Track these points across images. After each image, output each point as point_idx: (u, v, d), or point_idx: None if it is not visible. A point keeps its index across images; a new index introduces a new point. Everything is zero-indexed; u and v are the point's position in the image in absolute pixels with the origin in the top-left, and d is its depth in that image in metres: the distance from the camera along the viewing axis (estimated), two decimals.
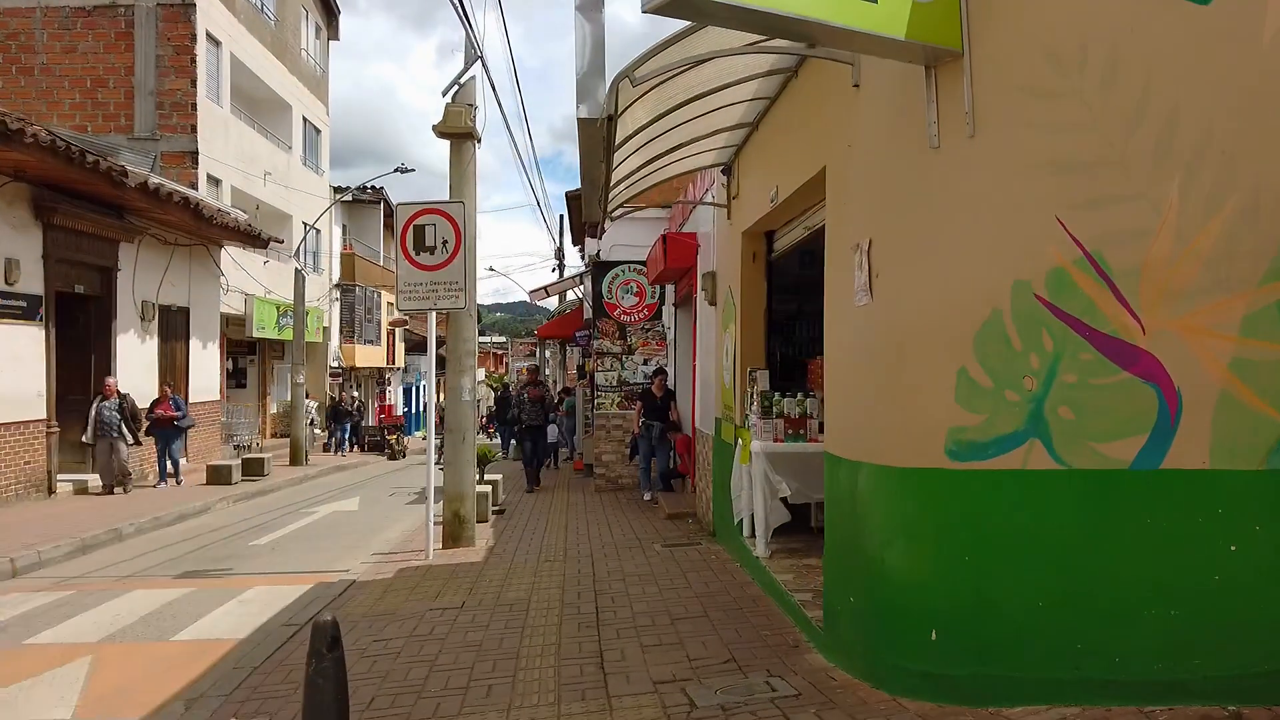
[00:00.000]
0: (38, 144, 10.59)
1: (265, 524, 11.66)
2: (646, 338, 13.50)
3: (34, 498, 12.37)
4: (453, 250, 7.94)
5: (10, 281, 11.90)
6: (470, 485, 8.49)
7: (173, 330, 16.81)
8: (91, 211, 13.34)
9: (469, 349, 8.45)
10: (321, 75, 28.60)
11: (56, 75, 19.41)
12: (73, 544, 9.43)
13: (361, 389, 32.75)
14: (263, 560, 9.02)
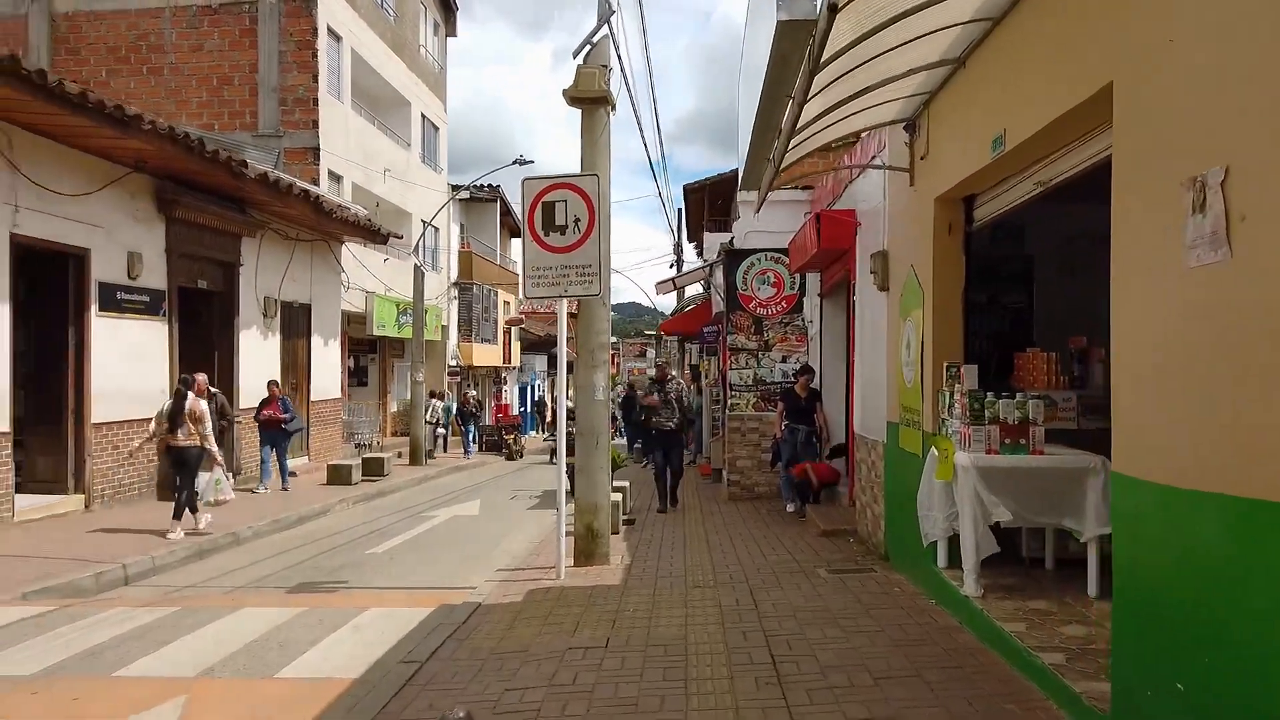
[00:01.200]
0: (155, 131, 10.22)
1: (384, 529, 11.05)
2: (785, 332, 12.33)
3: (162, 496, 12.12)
4: (585, 230, 7.00)
5: (133, 275, 11.65)
6: (605, 495, 7.55)
7: (294, 327, 16.57)
8: (213, 205, 13.06)
9: (602, 342, 7.50)
10: (439, 72, 28.43)
11: (185, 74, 19.56)
12: (189, 549, 8.95)
13: (478, 388, 32.58)
14: (380, 572, 8.32)
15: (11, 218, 9.53)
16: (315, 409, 17.39)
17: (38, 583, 7.09)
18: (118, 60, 19.61)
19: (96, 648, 5.28)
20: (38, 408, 10.89)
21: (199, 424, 9.60)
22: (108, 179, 10.97)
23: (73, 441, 10.81)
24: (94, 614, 6.11)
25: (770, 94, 3.93)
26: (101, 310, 11.06)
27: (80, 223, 10.60)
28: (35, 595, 6.79)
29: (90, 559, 8.00)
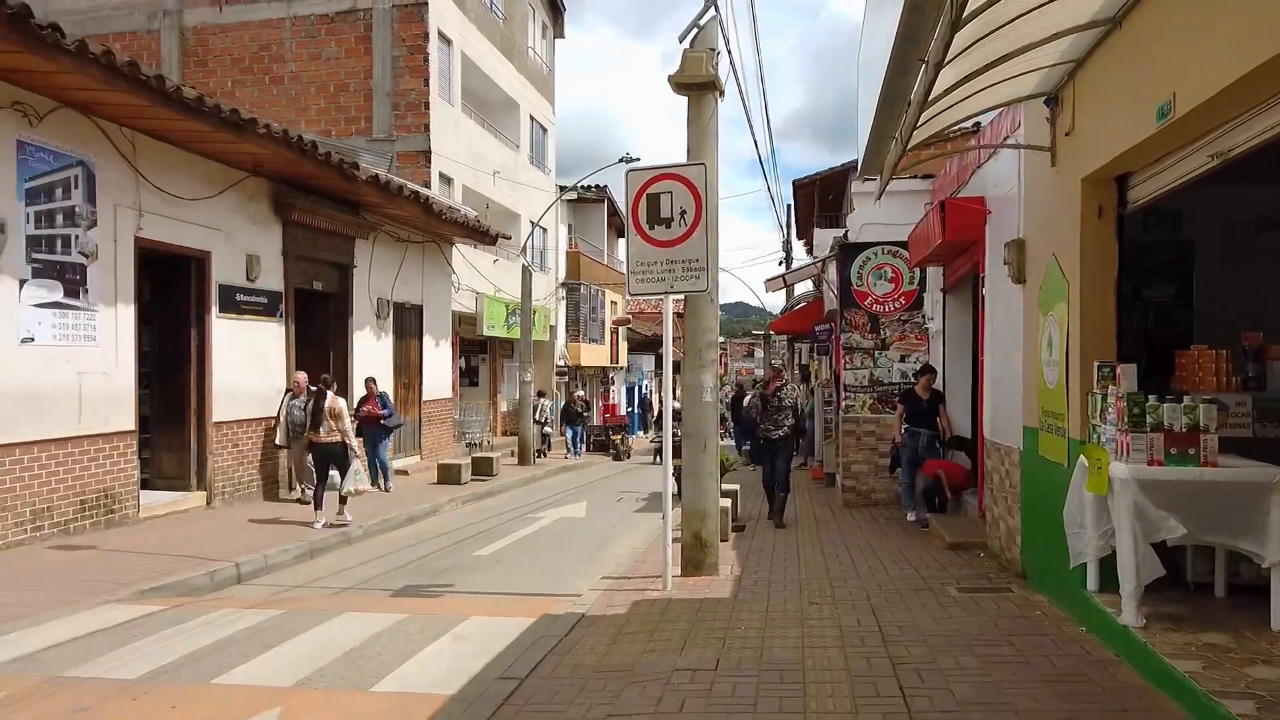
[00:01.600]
0: (270, 135, 10.37)
1: (490, 530, 10.95)
2: (903, 330, 11.67)
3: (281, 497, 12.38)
4: (692, 222, 6.63)
5: (251, 277, 11.92)
6: (713, 501, 7.17)
7: (407, 328, 16.79)
8: (327, 207, 13.28)
9: (710, 340, 7.12)
10: (547, 74, 28.56)
11: (304, 82, 20.12)
12: (300, 548, 9.01)
13: (586, 388, 32.62)
14: (484, 575, 8.16)
15: (136, 222, 9.81)
16: (427, 408, 17.60)
17: (155, 580, 7.19)
18: (242, 71, 20.32)
19: (200, 651, 5.22)
20: (164, 407, 11.23)
21: (339, 420, 10.16)
22: (227, 183, 11.24)
23: (195, 440, 11.10)
24: (201, 615, 6.10)
25: (900, 58, 3.48)
26: (221, 312, 11.33)
27: (201, 226, 10.87)
28: (151, 593, 6.87)
29: (206, 557, 8.11)
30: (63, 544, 8.48)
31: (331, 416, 10.09)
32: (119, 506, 9.55)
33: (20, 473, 8.29)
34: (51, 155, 8.69)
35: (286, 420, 11.55)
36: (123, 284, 9.65)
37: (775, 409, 10.33)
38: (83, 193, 9.10)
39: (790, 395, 10.67)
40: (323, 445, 10.19)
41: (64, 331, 8.87)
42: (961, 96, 5.10)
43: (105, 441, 9.37)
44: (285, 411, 11.59)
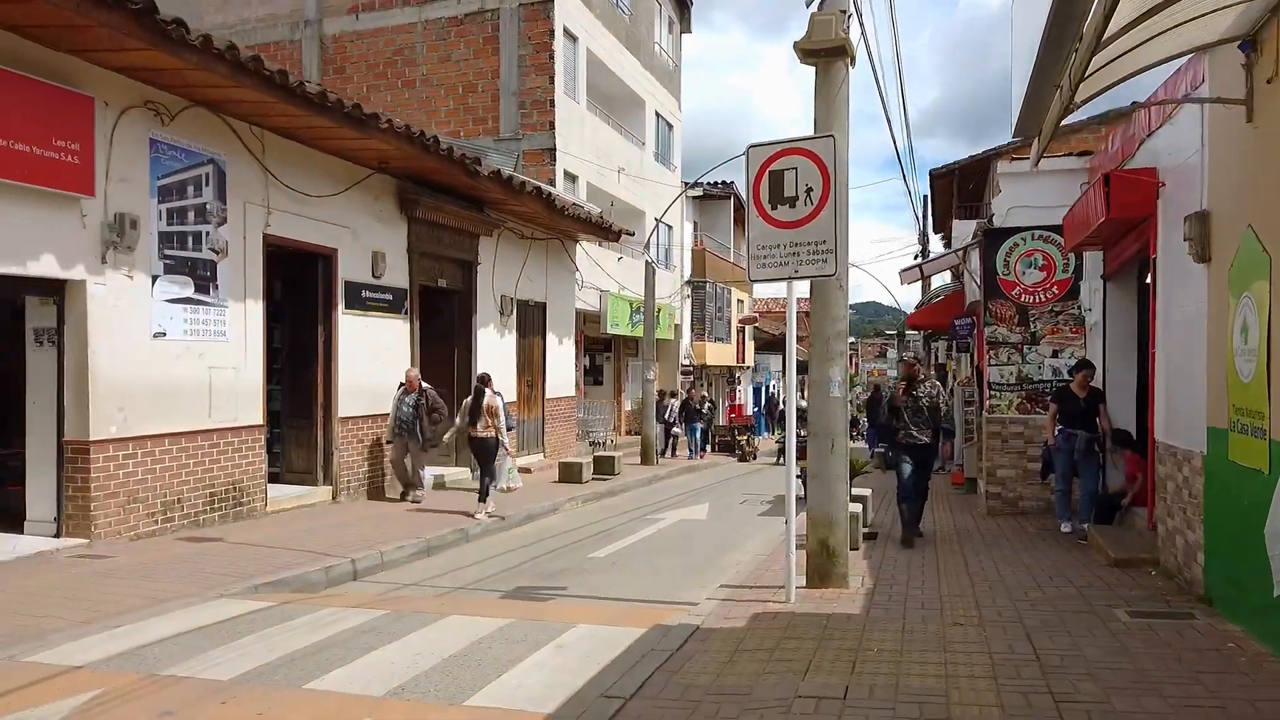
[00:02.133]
0: (392, 130, 10.36)
1: (609, 531, 10.62)
2: (1056, 323, 10.66)
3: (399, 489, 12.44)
4: (819, 200, 6.06)
5: (377, 274, 12.00)
6: (841, 507, 6.56)
7: (530, 325, 16.73)
8: (451, 204, 13.28)
9: (839, 330, 6.51)
10: (674, 69, 28.22)
11: (434, 85, 20.45)
12: (418, 545, 8.89)
13: (712, 388, 32.10)
14: (599, 578, 7.80)
15: (264, 219, 9.96)
16: (550, 407, 17.50)
17: (272, 574, 7.15)
18: (376, 76, 20.83)
19: (299, 652, 5.03)
20: (293, 402, 11.42)
21: (495, 417, 10.83)
22: (352, 180, 11.33)
23: (321, 435, 11.23)
24: (309, 613, 5.96)
25: None
26: (347, 308, 11.44)
27: (328, 223, 10.98)
28: (265, 588, 6.82)
29: (324, 552, 8.07)
30: (191, 535, 8.63)
31: (488, 413, 10.75)
32: (247, 500, 9.70)
33: (151, 465, 8.47)
34: (183, 153, 8.87)
35: (395, 416, 11.47)
36: (252, 280, 9.81)
37: (913, 410, 8.97)
38: (213, 190, 9.27)
39: (931, 393, 9.05)
40: (479, 439, 10.81)
41: (195, 327, 9.04)
42: (1137, 41, 4.36)
43: (234, 435, 9.53)
44: (395, 408, 11.50)
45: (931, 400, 9.01)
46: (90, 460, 7.84)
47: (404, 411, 11.36)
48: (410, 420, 11.27)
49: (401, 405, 11.41)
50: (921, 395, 9.05)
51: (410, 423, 11.28)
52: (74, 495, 7.87)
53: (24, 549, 7.48)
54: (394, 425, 11.47)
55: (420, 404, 11.23)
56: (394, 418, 11.44)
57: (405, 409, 11.35)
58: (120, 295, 8.17)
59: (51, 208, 7.47)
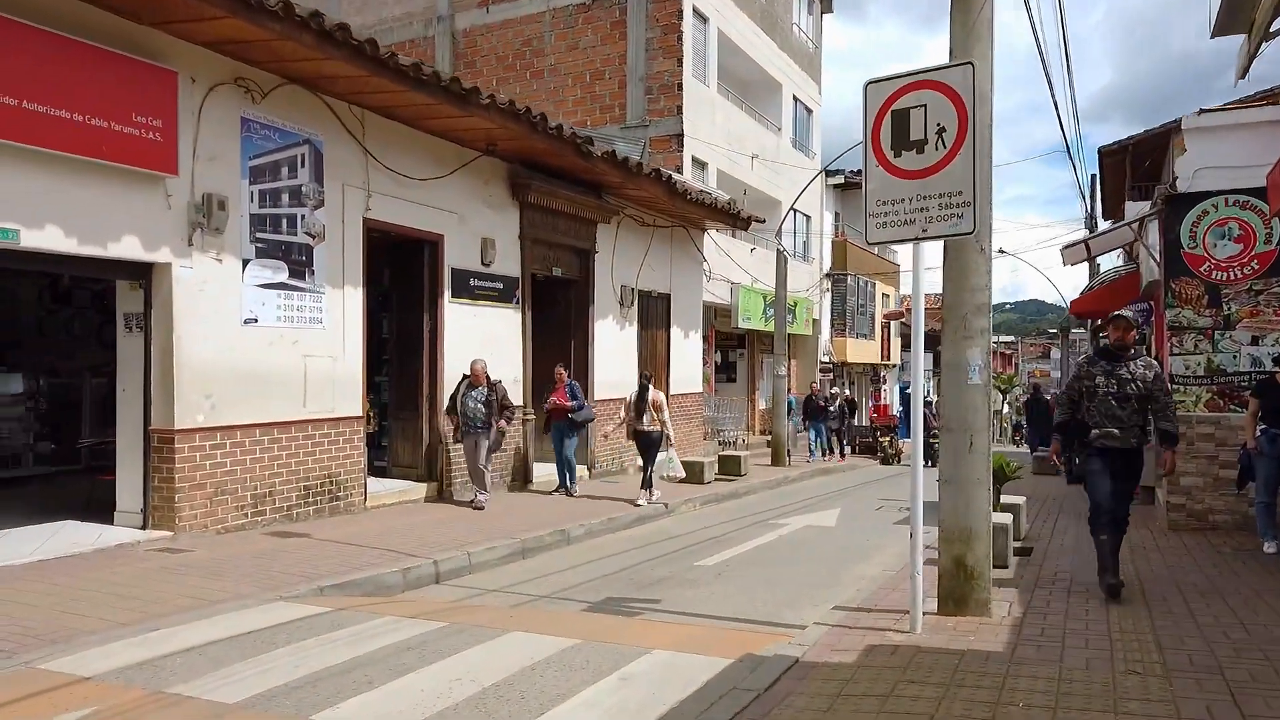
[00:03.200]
0: (495, 106, 9.78)
1: (724, 536, 9.70)
2: (1255, 304, 8.98)
3: (511, 486, 11.94)
4: (954, 142, 4.96)
5: (486, 262, 11.51)
6: (982, 517, 5.40)
7: (652, 317, 15.97)
8: (566, 189, 12.67)
9: (979, 303, 5.35)
10: (814, 51, 26.91)
11: (561, 74, 20.06)
12: (511, 546, 8.26)
13: (854, 386, 30.51)
14: (699, 591, 6.91)
15: (364, 202, 9.58)
16: (673, 403, 16.63)
17: (345, 575, 6.64)
18: (505, 68, 20.63)
19: (326, 672, 4.40)
20: (400, 393, 11.08)
21: (659, 412, 11.43)
22: (459, 163, 10.85)
23: (426, 428, 10.82)
24: (361, 622, 5.36)
25: None
26: (454, 297, 10.98)
27: (433, 208, 10.55)
28: (332, 590, 6.30)
29: (409, 552, 7.54)
30: (280, 530, 8.29)
31: (653, 408, 11.33)
32: (344, 494, 9.34)
33: (241, 455, 8.17)
34: (276, 132, 8.56)
35: (461, 413, 10.17)
36: (351, 266, 9.44)
37: (1117, 396, 6.13)
38: (309, 171, 8.94)
39: (1145, 376, 6.19)
40: (644, 432, 11.37)
41: (289, 313, 8.72)
42: None
43: (330, 426, 9.18)
44: (460, 403, 10.18)
45: (1145, 386, 6.15)
46: (175, 450, 7.58)
47: (472, 408, 10.10)
48: (483, 418, 10.10)
49: (467, 400, 10.13)
50: (1130, 375, 6.18)
51: (484, 420, 10.11)
52: (159, 486, 7.63)
53: (107, 540, 7.28)
54: (461, 423, 10.26)
55: (492, 400, 10.13)
56: (460, 415, 10.20)
57: (474, 404, 10.10)
58: (208, 279, 7.90)
59: (133, 187, 7.23)
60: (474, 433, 10.14)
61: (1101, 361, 6.37)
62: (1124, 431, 6.15)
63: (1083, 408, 6.34)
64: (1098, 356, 6.52)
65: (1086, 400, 6.32)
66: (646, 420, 11.37)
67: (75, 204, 6.83)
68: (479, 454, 10.15)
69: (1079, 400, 6.39)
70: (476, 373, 10.15)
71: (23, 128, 6.35)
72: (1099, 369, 6.30)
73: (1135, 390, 6.15)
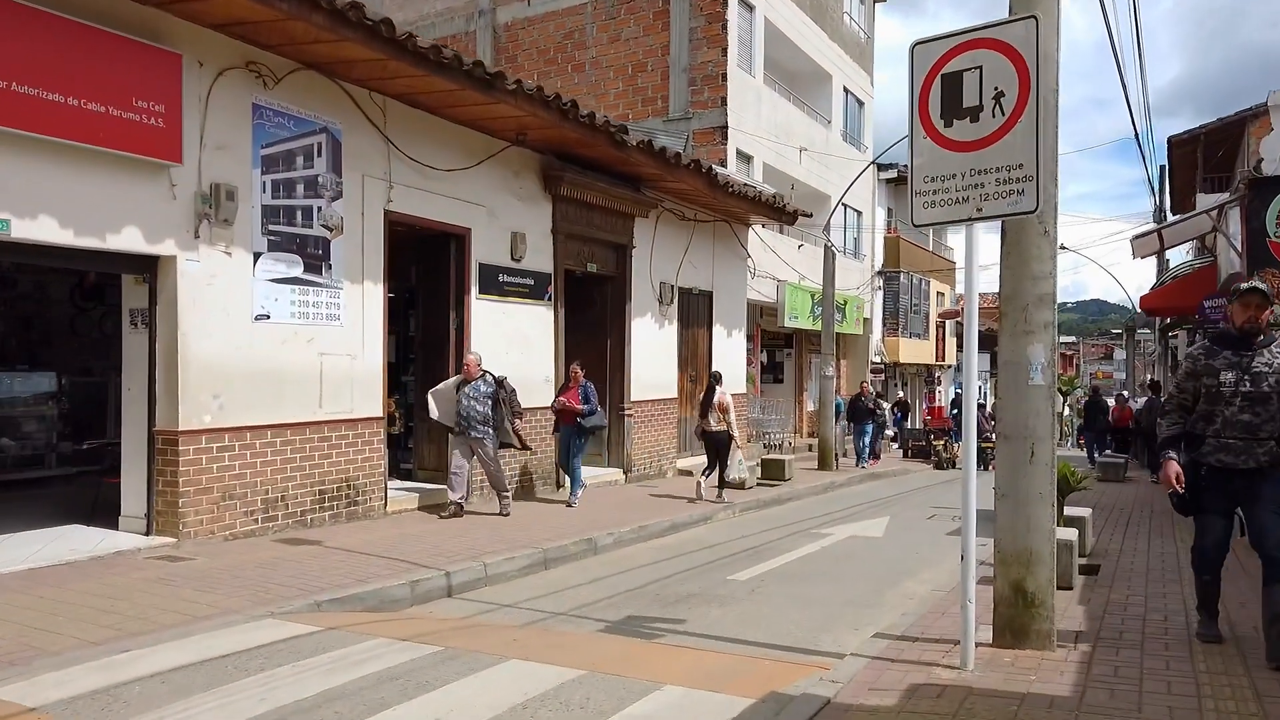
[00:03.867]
0: (521, 92, 9.31)
1: (762, 546, 9.10)
2: None
3: (544, 491, 11.47)
4: (1014, 109, 4.32)
5: (516, 257, 11.06)
6: (1044, 536, 4.74)
7: (694, 316, 15.40)
8: (602, 182, 12.16)
9: (1042, 293, 4.69)
10: (865, 41, 26.06)
11: (603, 67, 19.59)
12: (532, 556, 7.76)
13: (907, 388, 29.56)
14: (728, 610, 6.34)
15: (386, 194, 9.18)
16: None
17: (346, 588, 6.20)
18: (547, 62, 20.22)
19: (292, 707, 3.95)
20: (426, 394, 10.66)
21: (726, 413, 11.61)
22: (487, 153, 10.41)
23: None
24: (345, 645, 4.90)
25: None
26: (482, 293, 10.54)
27: (460, 200, 10.12)
28: (330, 605, 5.87)
29: (422, 562, 7.09)
30: (291, 536, 7.91)
31: (720, 409, 11.51)
32: (362, 499, 8.94)
33: (251, 458, 7.80)
34: (291, 120, 8.19)
35: (457, 411, 9.33)
36: (371, 260, 9.05)
37: (1251, 397, 4.72)
38: (326, 161, 8.56)
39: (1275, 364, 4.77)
40: (711, 433, 11.60)
41: (304, 309, 8.34)
42: None
43: (348, 428, 8.78)
44: (446, 400, 9.45)
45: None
46: (180, 452, 7.23)
47: (466, 405, 9.24)
48: (480, 416, 9.25)
49: (461, 398, 9.29)
50: (1269, 367, 4.74)
51: (481, 419, 9.26)
52: (163, 490, 7.29)
53: (107, 547, 6.95)
54: (455, 422, 9.38)
55: (499, 396, 9.35)
56: (457, 414, 9.33)
57: (467, 402, 9.24)
58: (216, 273, 7.54)
59: (134, 176, 6.89)
60: (471, 433, 9.27)
61: (1224, 352, 4.87)
62: (1253, 445, 4.69)
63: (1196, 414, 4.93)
64: (1216, 344, 5.01)
65: (1204, 403, 4.88)
66: (713, 420, 11.56)
67: (71, 193, 6.49)
68: (481, 459, 9.43)
69: (1193, 405, 4.96)
70: (470, 366, 9.33)
71: (12, 112, 6.02)
72: (1221, 361, 4.83)
73: (1275, 387, 4.69)
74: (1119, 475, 16.21)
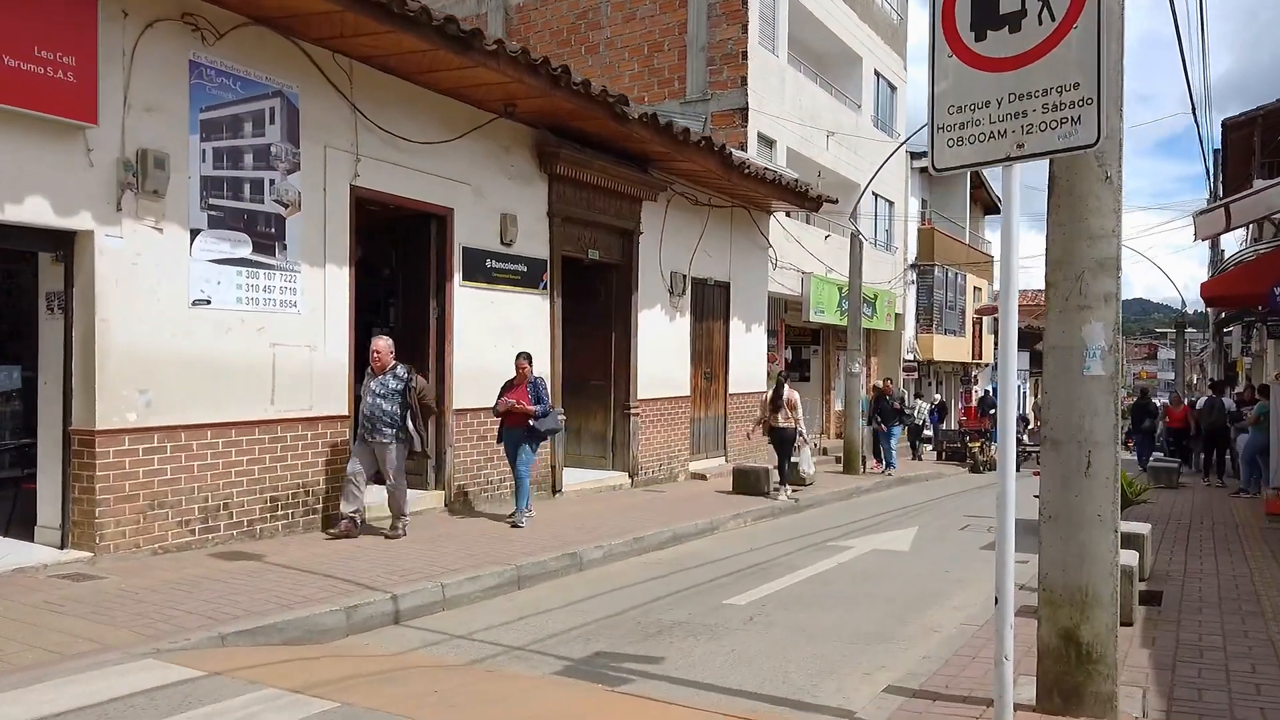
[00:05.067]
0: (504, 54, 8.33)
1: (770, 562, 8.08)
2: None
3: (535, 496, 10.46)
4: (1067, 10, 3.27)
5: (506, 241, 10.10)
6: (1105, 572, 3.67)
7: (708, 308, 14.36)
8: (603, 160, 11.17)
9: (1104, 255, 3.61)
10: (899, 23, 24.83)
11: (618, 48, 18.62)
12: (503, 575, 6.81)
13: (943, 387, 28.25)
14: (716, 645, 5.33)
15: (352, 168, 8.27)
16: (734, 403, 15.05)
17: (264, 616, 5.27)
18: (560, 44, 19.27)
19: None
20: None
21: (794, 410, 12.21)
22: (470, 126, 9.47)
23: (433, 429, 9.44)
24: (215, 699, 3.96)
25: None
26: (466, 280, 9.59)
27: (440, 177, 9.19)
28: (237, 638, 4.96)
29: (368, 583, 6.16)
30: (232, 550, 7.00)
31: (788, 406, 12.08)
32: (322, 506, 8.03)
33: (187, 461, 6.90)
34: (237, 81, 7.29)
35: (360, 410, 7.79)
36: (335, 241, 8.13)
37: None
38: (280, 129, 7.65)
39: None
40: (779, 429, 12.13)
41: (252, 294, 7.44)
42: None
43: (306, 428, 7.87)
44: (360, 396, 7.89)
45: None
46: (97, 455, 6.34)
47: (370, 403, 7.64)
48: (386, 416, 7.61)
49: (364, 394, 7.74)
50: None
51: (388, 419, 7.61)
52: (79, 498, 6.41)
53: (10, 562, 6.07)
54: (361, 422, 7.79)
55: (405, 392, 7.71)
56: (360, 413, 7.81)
57: (372, 399, 7.64)
58: (143, 251, 6.65)
59: (40, 138, 6.01)
60: (373, 437, 7.64)
61: None
62: None
63: None
64: None
65: None
66: (782, 417, 12.07)
67: None
68: (387, 466, 7.69)
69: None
70: (378, 355, 7.72)
71: None
72: None
73: None
74: (1172, 481, 14.91)
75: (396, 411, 7.69)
